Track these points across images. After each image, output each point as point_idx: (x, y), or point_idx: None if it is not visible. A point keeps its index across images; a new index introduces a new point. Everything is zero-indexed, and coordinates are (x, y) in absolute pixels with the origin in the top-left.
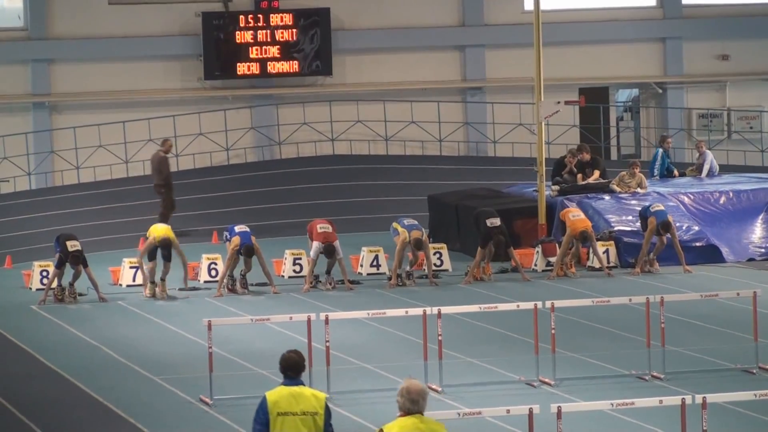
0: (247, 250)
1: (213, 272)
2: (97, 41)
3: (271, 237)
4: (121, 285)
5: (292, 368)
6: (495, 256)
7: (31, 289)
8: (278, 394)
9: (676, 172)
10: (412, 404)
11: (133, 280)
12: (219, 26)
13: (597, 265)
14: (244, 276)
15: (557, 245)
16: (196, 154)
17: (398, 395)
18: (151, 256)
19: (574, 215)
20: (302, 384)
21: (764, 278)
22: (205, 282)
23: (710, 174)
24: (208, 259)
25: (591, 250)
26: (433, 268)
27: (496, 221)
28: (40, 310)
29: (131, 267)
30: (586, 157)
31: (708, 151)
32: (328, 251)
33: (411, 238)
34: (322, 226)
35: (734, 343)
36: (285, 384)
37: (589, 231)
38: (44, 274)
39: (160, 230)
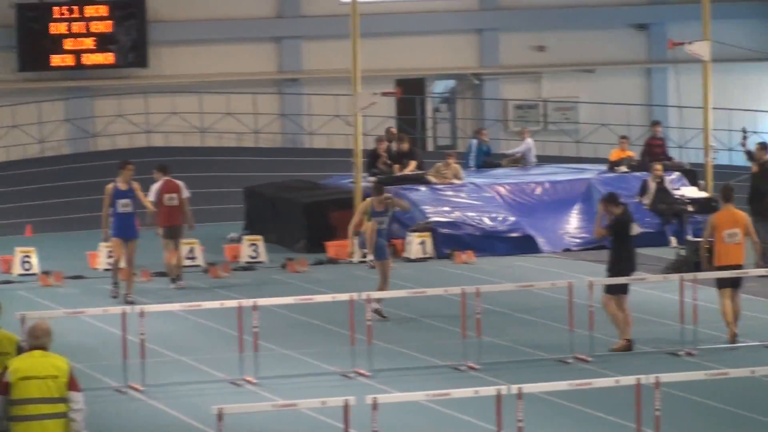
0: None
1: (26, 265)
2: None
3: (87, 230)
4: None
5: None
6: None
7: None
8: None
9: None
10: (35, 340)
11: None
12: (33, 17)
13: (412, 256)
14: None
15: None
16: (11, 146)
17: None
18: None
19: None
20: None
21: (579, 268)
22: (19, 275)
23: (525, 161)
24: (22, 252)
25: None
26: (248, 260)
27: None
28: None
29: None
30: (405, 147)
31: (529, 140)
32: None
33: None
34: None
35: (549, 334)
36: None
37: None
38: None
39: None
